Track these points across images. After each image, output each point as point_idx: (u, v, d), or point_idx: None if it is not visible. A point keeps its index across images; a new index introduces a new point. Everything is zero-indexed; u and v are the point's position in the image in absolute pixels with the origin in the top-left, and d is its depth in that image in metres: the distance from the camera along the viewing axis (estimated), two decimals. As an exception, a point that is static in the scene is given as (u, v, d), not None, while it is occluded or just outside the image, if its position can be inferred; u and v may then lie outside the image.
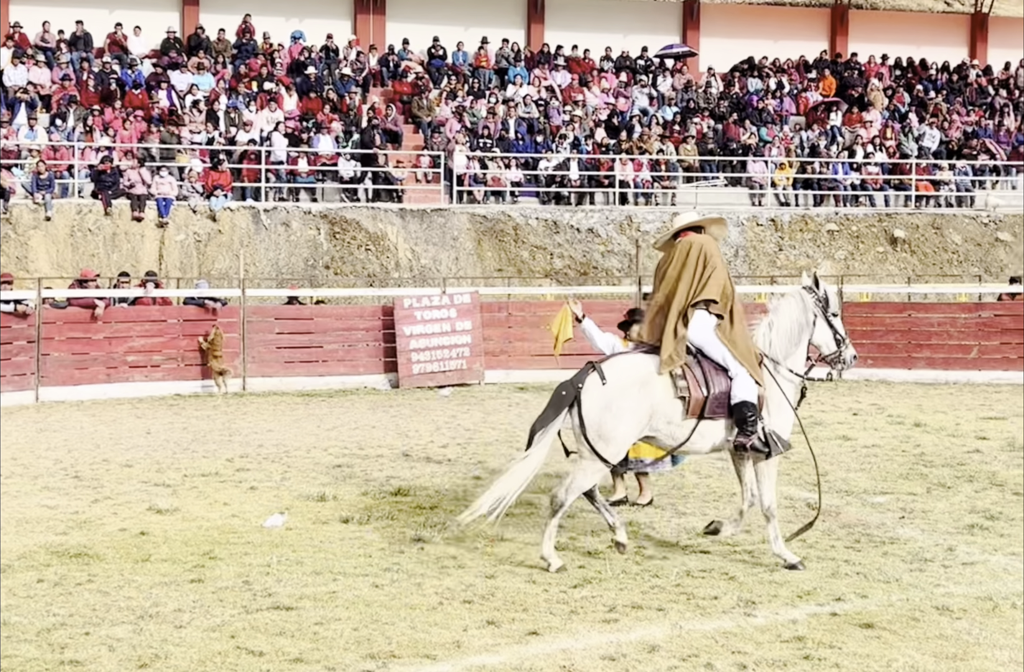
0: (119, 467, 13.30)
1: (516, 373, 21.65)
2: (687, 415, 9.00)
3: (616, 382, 8.90)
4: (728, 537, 9.83)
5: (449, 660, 7.10)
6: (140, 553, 9.53)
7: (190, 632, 7.58)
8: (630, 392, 8.89)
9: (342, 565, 9.17)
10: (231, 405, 18.72)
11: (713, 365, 9.11)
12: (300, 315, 21.43)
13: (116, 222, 24.28)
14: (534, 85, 31.11)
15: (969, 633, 7.54)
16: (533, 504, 11.37)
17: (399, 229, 26.17)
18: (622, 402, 8.85)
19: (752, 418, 9.00)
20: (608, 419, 8.84)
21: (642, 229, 27.50)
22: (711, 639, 7.47)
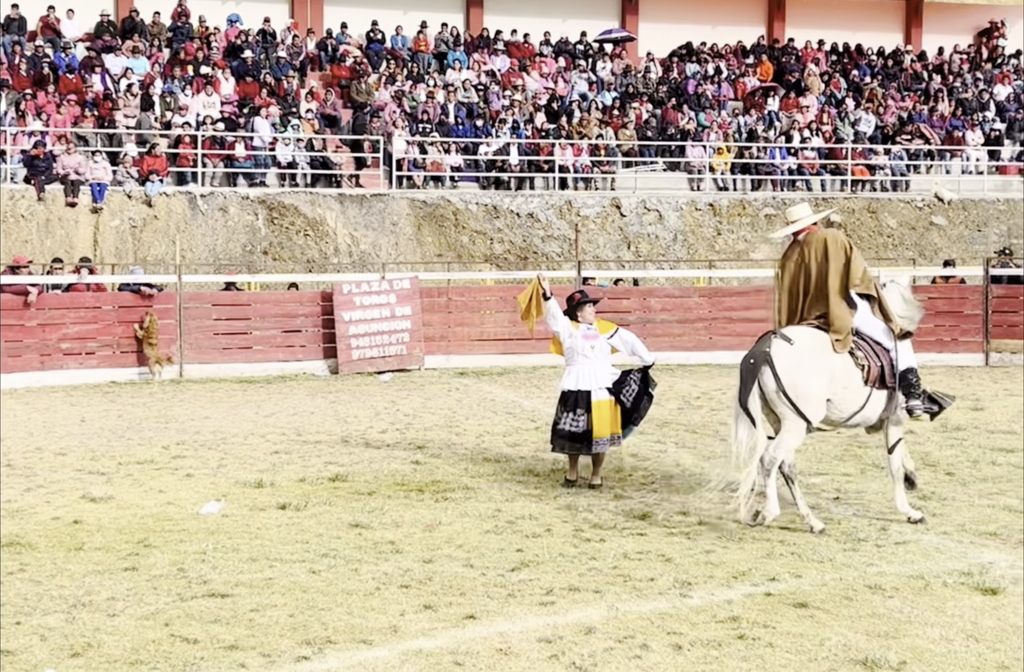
0: (53, 455, 13.15)
1: (456, 358, 21.62)
2: (865, 383, 9.75)
3: (802, 343, 9.62)
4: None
5: (386, 645, 7.09)
6: (73, 542, 9.43)
7: (123, 620, 7.51)
8: (816, 353, 9.63)
9: (279, 551, 9.12)
10: (167, 392, 18.56)
11: (873, 341, 9.94)
12: (237, 301, 21.28)
13: (49, 208, 23.96)
14: (473, 70, 31.01)
15: (901, 611, 7.63)
16: (471, 488, 11.37)
17: (338, 214, 26.03)
18: (811, 361, 9.57)
19: (918, 382, 9.87)
20: (801, 377, 9.53)
21: (582, 214, 27.53)
22: (647, 620, 7.51)
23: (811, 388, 9.54)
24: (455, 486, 11.49)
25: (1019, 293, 22.37)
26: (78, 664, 6.77)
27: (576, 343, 11.59)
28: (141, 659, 6.83)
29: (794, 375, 9.50)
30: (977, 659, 6.82)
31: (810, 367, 9.55)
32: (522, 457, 13.03)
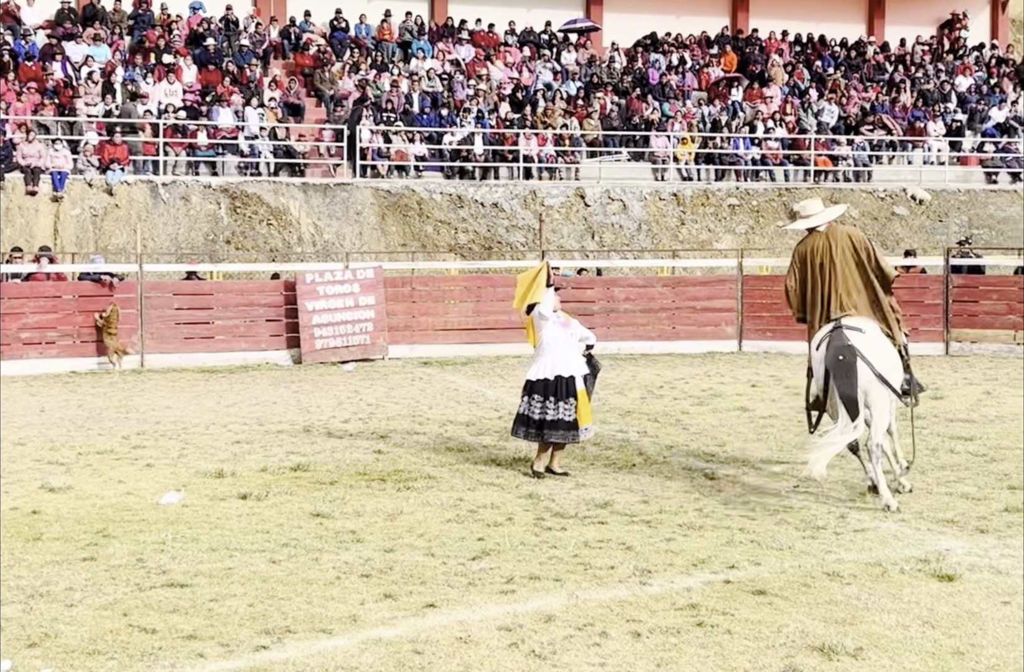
0: (11, 445, 13.05)
1: (420, 348, 21.60)
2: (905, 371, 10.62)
3: (870, 331, 10.34)
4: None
5: (345, 634, 7.09)
6: (32, 532, 9.37)
7: (81, 610, 7.48)
8: (882, 337, 10.46)
9: (239, 541, 9.10)
10: (128, 382, 18.46)
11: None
12: (199, 290, 21.16)
13: (10, 196, 23.75)
14: (438, 59, 30.92)
15: (858, 598, 7.69)
16: (433, 478, 11.37)
17: (302, 203, 25.92)
18: (886, 345, 10.41)
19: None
20: (883, 359, 10.24)
21: (546, 203, 27.53)
22: (607, 608, 7.53)
23: (896, 368, 10.41)
24: (417, 475, 11.49)
25: (979, 283, 22.53)
26: (35, 654, 6.74)
27: (557, 331, 11.54)
28: (99, 649, 6.81)
29: (878, 359, 10.15)
30: (933, 645, 6.88)
31: (888, 350, 10.39)
32: (484, 446, 13.03)
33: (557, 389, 11.45)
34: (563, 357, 11.50)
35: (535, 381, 11.54)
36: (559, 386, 11.46)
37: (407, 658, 6.70)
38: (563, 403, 11.45)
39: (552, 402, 11.45)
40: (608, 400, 16.21)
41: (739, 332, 22.38)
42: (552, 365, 11.48)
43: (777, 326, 22.16)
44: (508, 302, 22.12)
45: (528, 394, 11.58)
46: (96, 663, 6.60)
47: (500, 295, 22.00)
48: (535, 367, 11.60)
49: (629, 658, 6.69)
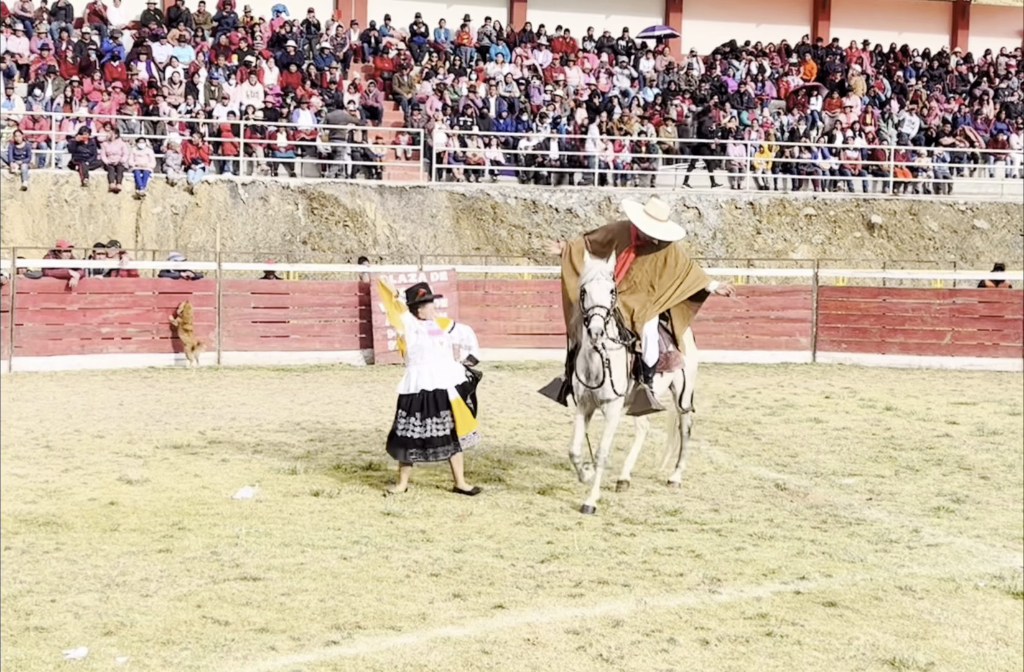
0: (91, 437, 13.27)
1: (492, 351, 21.62)
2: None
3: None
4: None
5: (414, 632, 7.13)
6: (109, 522, 9.53)
7: (156, 601, 7.59)
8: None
9: (311, 537, 9.19)
10: (205, 378, 18.69)
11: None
12: (276, 290, 21.39)
13: (93, 193, 24.15)
14: (515, 64, 31.03)
15: (930, 613, 7.61)
16: (503, 480, 11.41)
17: (377, 206, 26.12)
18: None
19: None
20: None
21: (620, 210, 27.49)
22: (675, 615, 7.52)
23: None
24: (488, 477, 11.53)
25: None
26: (111, 642, 6.85)
27: (423, 340, 10.90)
28: (173, 639, 6.91)
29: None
30: (1006, 662, 6.80)
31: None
32: (555, 450, 13.05)
33: (424, 404, 10.81)
34: (427, 368, 10.83)
35: (402, 395, 10.89)
36: (425, 401, 10.81)
37: (475, 658, 6.74)
38: (434, 419, 10.79)
39: (418, 418, 10.78)
40: (679, 408, 16.14)
41: (813, 343, 22.22)
42: (417, 378, 10.85)
43: (852, 338, 21.98)
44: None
45: (399, 408, 10.92)
46: (170, 653, 6.70)
47: (573, 300, 21.98)
48: (403, 380, 10.99)
49: (697, 665, 6.68)
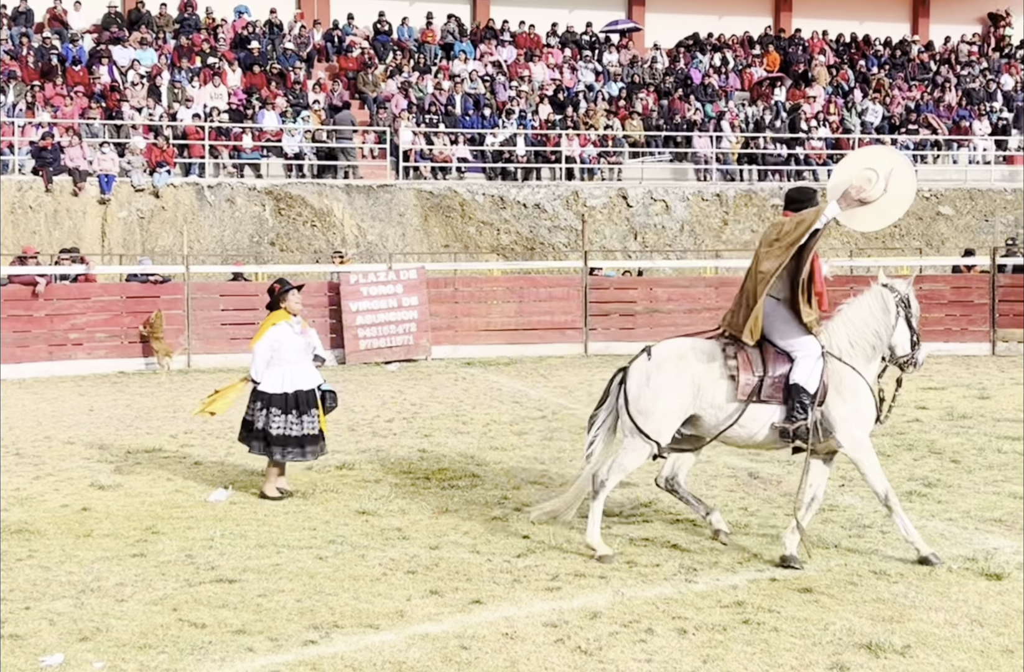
0: (61, 444, 13.21)
1: (463, 348, 21.65)
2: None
3: (665, 360, 8.64)
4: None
5: (392, 629, 7.13)
6: (82, 529, 9.48)
7: (132, 605, 7.56)
8: (682, 369, 8.56)
9: (286, 538, 9.17)
10: (175, 382, 18.61)
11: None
12: (245, 292, 21.29)
13: (57, 199, 24.01)
14: (480, 60, 31.01)
15: (905, 596, 7.66)
16: (478, 476, 11.41)
17: (345, 205, 26.05)
18: (673, 376, 8.53)
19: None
20: (645, 396, 8.56)
21: (588, 204, 27.54)
22: (652, 605, 7.54)
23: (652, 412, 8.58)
24: (462, 474, 11.53)
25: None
26: (87, 648, 6.82)
27: (295, 339, 10.71)
28: (149, 643, 6.88)
29: (642, 398, 8.59)
30: (981, 643, 6.85)
31: (670, 387, 8.54)
32: (528, 445, 13.06)
33: (299, 403, 10.62)
34: (300, 368, 10.67)
35: (275, 394, 10.61)
36: (299, 400, 10.63)
37: (454, 653, 6.74)
38: (307, 416, 10.63)
39: (296, 416, 10.59)
40: (652, 400, 16.20)
41: (783, 332, 22.24)
42: (291, 377, 10.63)
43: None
44: (551, 302, 22.23)
45: (271, 406, 10.62)
46: (147, 657, 6.67)
47: (542, 296, 22.05)
48: (274, 379, 10.64)
49: (675, 655, 6.70)
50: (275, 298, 10.90)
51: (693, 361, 8.56)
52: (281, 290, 10.89)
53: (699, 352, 8.62)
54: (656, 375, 8.57)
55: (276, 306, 10.91)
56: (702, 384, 8.50)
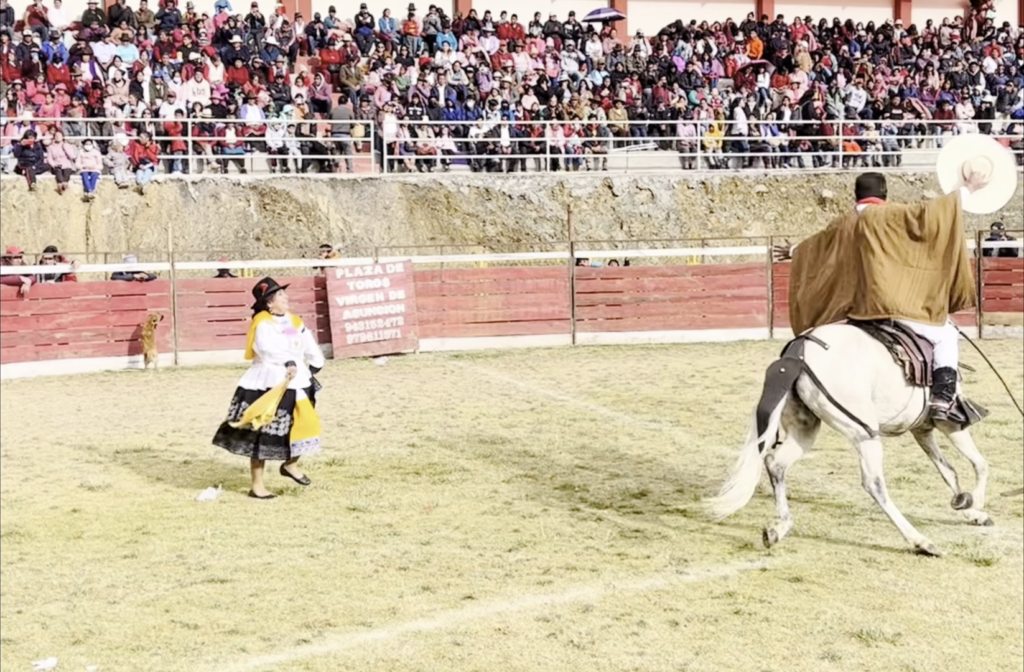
0: (49, 445, 13.18)
1: (451, 341, 21.65)
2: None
3: (841, 347, 8.63)
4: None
5: (385, 627, 7.14)
6: (72, 530, 9.47)
7: (124, 607, 7.56)
8: (862, 357, 8.62)
9: (277, 536, 9.17)
10: (163, 380, 18.58)
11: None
12: (231, 288, 21.25)
13: (41, 197, 23.93)
14: (463, 52, 30.95)
15: (895, 584, 7.68)
16: (468, 470, 11.42)
17: (330, 199, 26.01)
18: (857, 363, 8.57)
19: (952, 384, 8.88)
20: (845, 382, 8.50)
21: (574, 194, 27.52)
22: (644, 597, 7.56)
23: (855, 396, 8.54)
24: (452, 468, 11.54)
25: (1011, 266, 22.40)
26: (80, 651, 6.82)
27: (280, 339, 10.56)
28: (142, 645, 6.88)
29: (842, 385, 8.51)
30: (971, 630, 6.88)
31: (857, 373, 8.56)
32: (518, 438, 13.07)
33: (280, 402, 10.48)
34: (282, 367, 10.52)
35: (249, 389, 10.57)
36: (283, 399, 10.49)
37: (447, 650, 6.75)
38: (275, 416, 10.44)
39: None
40: (640, 390, 16.24)
41: (770, 320, 22.31)
42: (268, 375, 10.53)
43: (808, 313, 22.06)
44: (537, 294, 22.24)
45: (242, 401, 10.56)
46: (140, 659, 6.67)
47: (529, 287, 22.05)
48: (253, 374, 10.63)
49: (667, 647, 6.72)
50: (262, 298, 10.78)
51: (869, 346, 8.71)
52: (268, 290, 10.76)
53: (867, 338, 8.77)
54: (844, 361, 8.56)
55: (263, 306, 10.77)
56: (880, 368, 8.67)
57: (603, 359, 19.78)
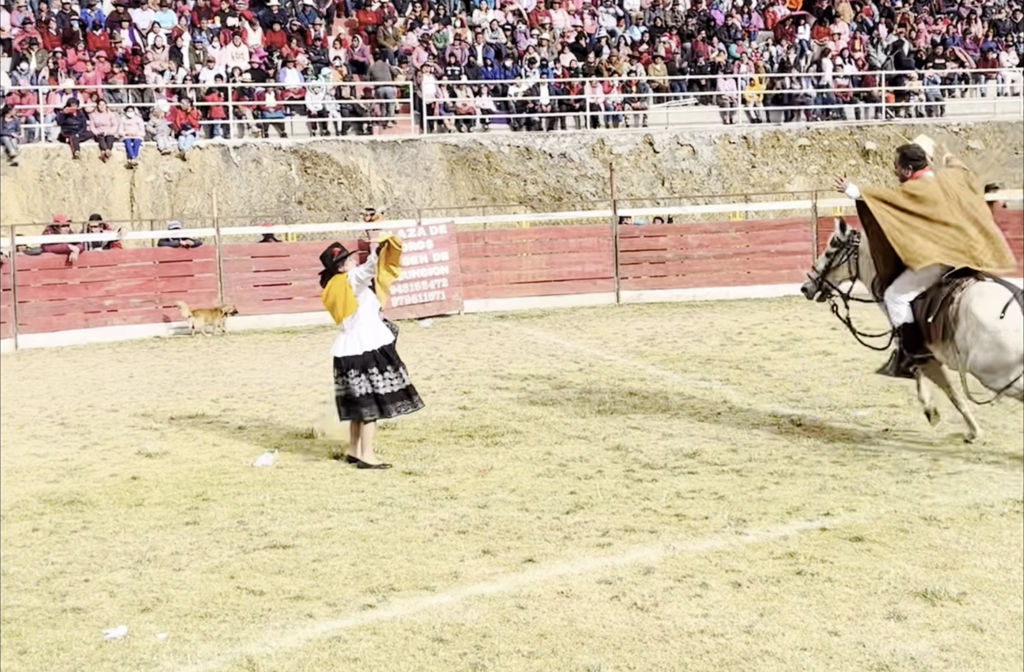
0: (105, 412, 13.30)
1: (495, 302, 21.61)
2: None
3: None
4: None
5: (448, 591, 7.19)
6: (133, 498, 9.57)
7: (189, 574, 7.65)
8: None
9: (335, 501, 9.24)
10: (212, 345, 18.68)
11: None
12: (276, 252, 21.31)
13: (85, 165, 24.02)
14: (500, 10, 30.70)
15: (958, 542, 7.67)
16: (520, 432, 11.44)
17: (371, 161, 25.97)
18: None
19: None
20: None
21: (615, 152, 27.35)
22: (704, 559, 7.58)
23: None
24: (504, 430, 11.57)
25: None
26: (149, 619, 6.91)
27: (370, 296, 10.72)
28: (210, 612, 6.96)
29: None
30: (1036, 588, 6.87)
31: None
32: (568, 399, 13.07)
33: (384, 357, 10.66)
34: (369, 329, 10.65)
35: (347, 356, 10.57)
36: (384, 354, 10.66)
37: (511, 613, 6.80)
38: (390, 372, 10.69)
39: (385, 373, 10.63)
40: (687, 348, 16.19)
41: (816, 275, 22.09)
42: (377, 334, 10.68)
43: (855, 268, 21.89)
44: (580, 253, 22.16)
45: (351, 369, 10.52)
46: (209, 626, 6.76)
47: (573, 246, 21.97)
48: (345, 341, 10.61)
49: (731, 608, 6.74)
50: (334, 263, 10.68)
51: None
52: (340, 255, 10.70)
53: None
54: None
55: (335, 271, 10.69)
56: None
57: (648, 317, 19.71)
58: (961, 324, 9.52)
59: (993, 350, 9.41)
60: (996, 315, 9.40)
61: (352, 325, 10.61)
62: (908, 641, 6.18)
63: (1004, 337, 9.35)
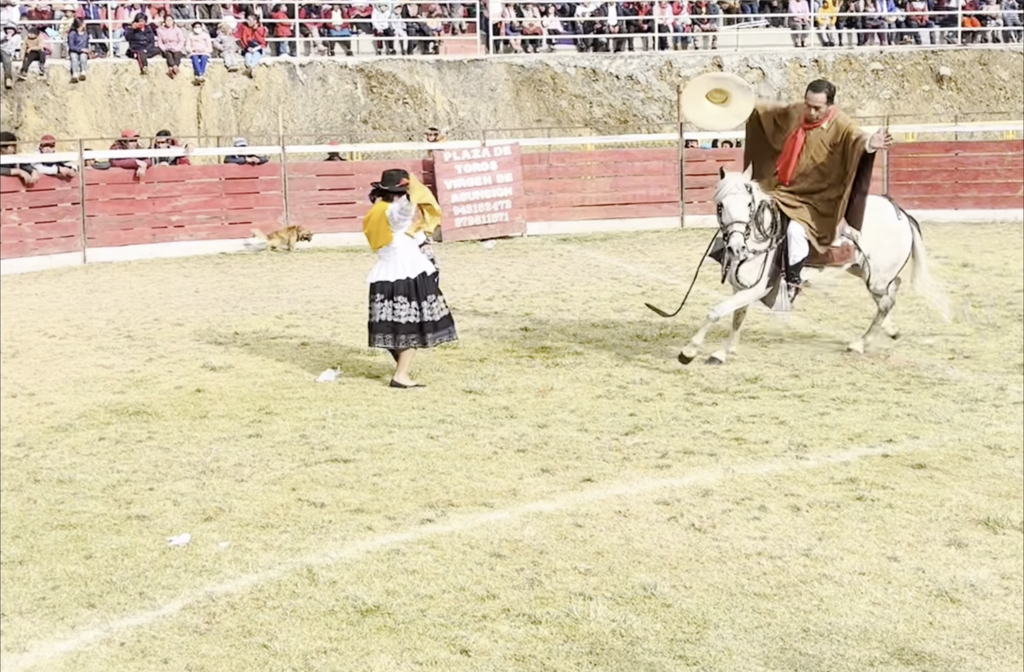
0: (170, 326, 13.43)
1: (558, 224, 21.51)
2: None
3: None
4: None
5: (506, 508, 7.24)
6: (197, 410, 9.69)
7: (251, 485, 7.75)
8: None
9: (396, 417, 9.30)
10: (276, 262, 18.77)
11: None
12: (341, 171, 21.28)
13: (152, 81, 24.04)
14: (569, -74, 30.15)
15: (1021, 471, 7.59)
16: (581, 354, 11.44)
17: (436, 81, 25.78)
18: None
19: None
20: None
21: (682, 74, 26.94)
22: (764, 482, 7.57)
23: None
24: (565, 352, 11.56)
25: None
26: (211, 528, 7.02)
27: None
28: (271, 523, 7.06)
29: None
30: (1100, 518, 6.80)
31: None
32: (629, 322, 13.03)
33: (429, 284, 10.56)
34: (409, 256, 10.55)
35: (380, 282, 10.60)
36: (414, 286, 10.49)
37: (568, 531, 6.84)
38: (434, 298, 10.54)
39: (431, 299, 10.50)
40: (753, 274, 16.03)
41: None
42: (397, 266, 10.53)
43: (924, 194, 21.58)
44: (645, 177, 21.96)
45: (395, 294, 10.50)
46: (270, 536, 6.85)
47: (637, 170, 21.77)
48: (380, 267, 10.64)
49: (790, 532, 6.73)
50: (394, 190, 10.43)
51: None
52: (403, 187, 10.40)
53: None
54: None
55: (386, 196, 10.51)
56: None
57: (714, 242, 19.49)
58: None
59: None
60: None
61: (387, 254, 10.59)
62: (968, 568, 6.16)
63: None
